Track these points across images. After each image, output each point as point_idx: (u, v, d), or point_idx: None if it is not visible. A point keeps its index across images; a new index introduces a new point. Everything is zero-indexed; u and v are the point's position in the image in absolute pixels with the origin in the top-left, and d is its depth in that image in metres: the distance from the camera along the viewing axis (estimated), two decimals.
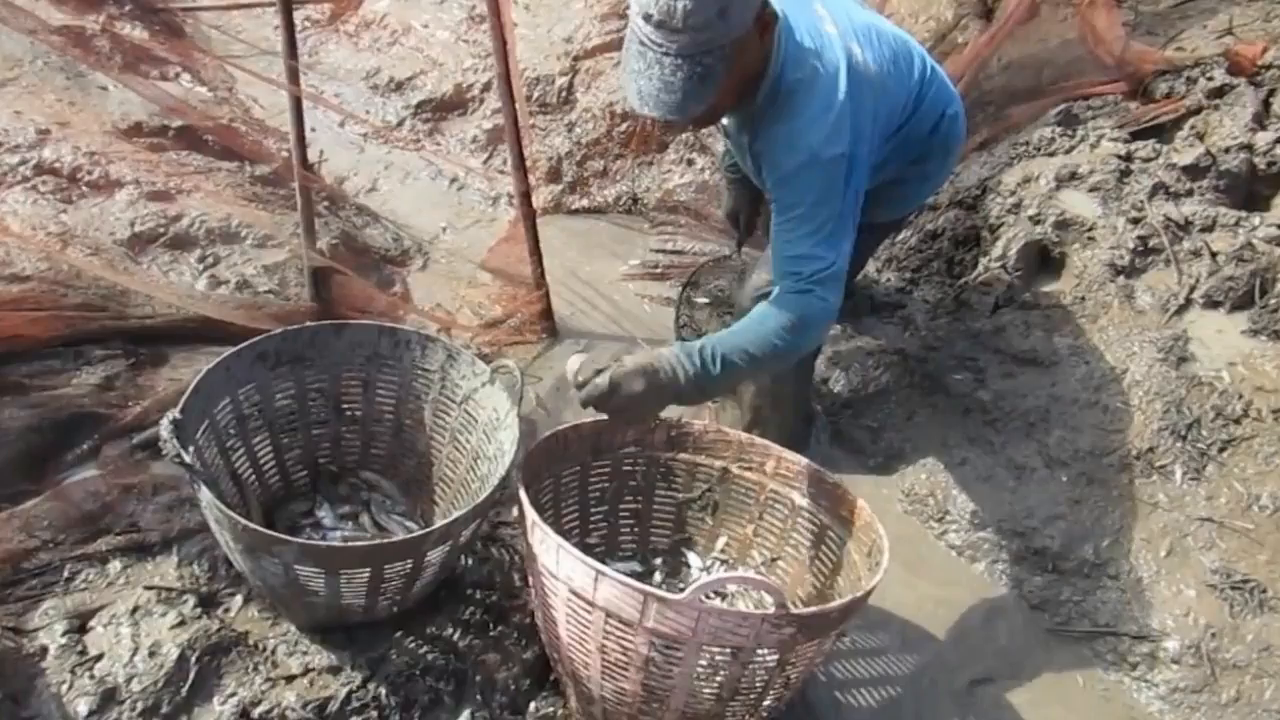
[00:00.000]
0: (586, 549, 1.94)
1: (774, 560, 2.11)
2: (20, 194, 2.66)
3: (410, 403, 2.12)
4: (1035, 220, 2.82)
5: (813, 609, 1.67)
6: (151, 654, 1.73)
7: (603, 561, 1.66)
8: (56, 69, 3.23)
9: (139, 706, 1.67)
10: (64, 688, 1.68)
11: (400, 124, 3.87)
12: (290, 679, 1.76)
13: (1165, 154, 2.89)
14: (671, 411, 1.97)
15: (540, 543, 1.65)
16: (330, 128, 3.82)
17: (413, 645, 1.86)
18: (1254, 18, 3.22)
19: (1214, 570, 2.15)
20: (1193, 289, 2.56)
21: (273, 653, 1.80)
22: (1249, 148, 2.80)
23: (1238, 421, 2.31)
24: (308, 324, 2.11)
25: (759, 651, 1.59)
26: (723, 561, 2.16)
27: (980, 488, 2.43)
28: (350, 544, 1.76)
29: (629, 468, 2.12)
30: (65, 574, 1.86)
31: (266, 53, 3.86)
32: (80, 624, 1.79)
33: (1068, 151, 3.03)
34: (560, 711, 1.87)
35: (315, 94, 3.80)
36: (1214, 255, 2.60)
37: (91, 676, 1.70)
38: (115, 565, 1.90)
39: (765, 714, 1.76)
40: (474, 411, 2.04)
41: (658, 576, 2.14)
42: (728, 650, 1.58)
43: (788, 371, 2.35)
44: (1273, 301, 2.46)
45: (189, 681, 1.71)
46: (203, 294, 2.59)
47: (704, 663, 1.60)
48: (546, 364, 2.84)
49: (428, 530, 1.73)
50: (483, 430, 2.02)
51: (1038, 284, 2.78)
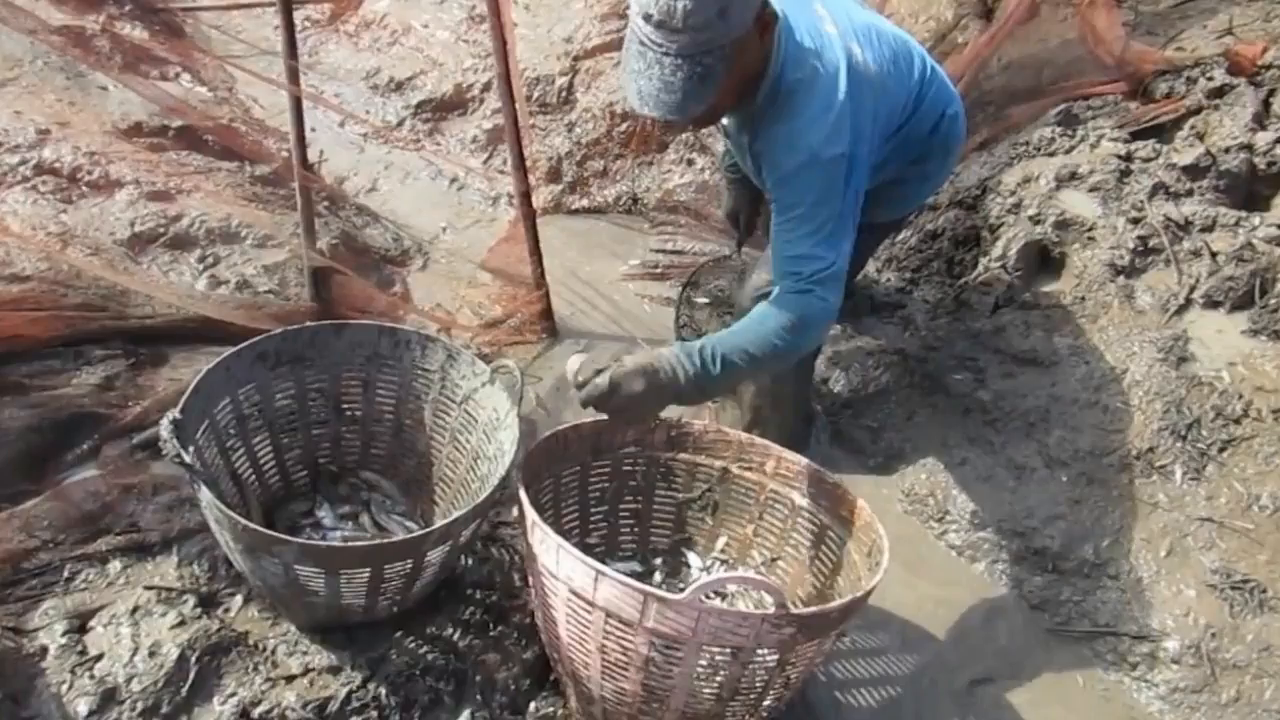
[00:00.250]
0: (586, 549, 1.94)
1: (774, 560, 2.11)
2: (20, 194, 2.66)
3: (410, 403, 2.12)
4: (1035, 220, 2.82)
5: (813, 609, 1.68)
6: (151, 654, 1.73)
7: (603, 561, 1.66)
8: (56, 69, 3.23)
9: (139, 706, 1.67)
10: (64, 688, 1.68)
11: (400, 124, 3.87)
12: (290, 679, 1.76)
13: (1165, 154, 2.89)
14: (671, 411, 1.97)
15: (540, 543, 1.65)
16: (330, 128, 3.82)
17: (413, 645, 1.86)
18: (1254, 18, 3.22)
19: (1214, 570, 2.15)
20: (1193, 289, 2.56)
21: (273, 653, 1.80)
22: (1249, 148, 2.80)
23: (1238, 421, 2.31)
24: (308, 324, 2.11)
25: (759, 651, 1.59)
26: (723, 561, 2.16)
27: (980, 488, 2.44)
28: (350, 544, 1.76)
29: (629, 468, 2.12)
30: (65, 574, 1.86)
31: (266, 53, 3.86)
32: (80, 624, 1.79)
33: (1068, 151, 3.03)
34: (560, 711, 1.87)
35: (315, 94, 3.80)
36: (1214, 255, 2.59)
37: (91, 676, 1.70)
38: (115, 565, 1.90)
39: (765, 714, 1.76)
40: (474, 411, 2.04)
41: (658, 576, 2.14)
42: (728, 650, 1.58)
43: (788, 371, 2.35)
44: (1273, 301, 2.46)
45: (189, 681, 1.71)
46: (203, 294, 2.59)
47: (704, 663, 1.60)
48: (546, 364, 2.84)
49: (428, 530, 1.73)
50: (483, 430, 2.02)
51: (1038, 284, 2.78)
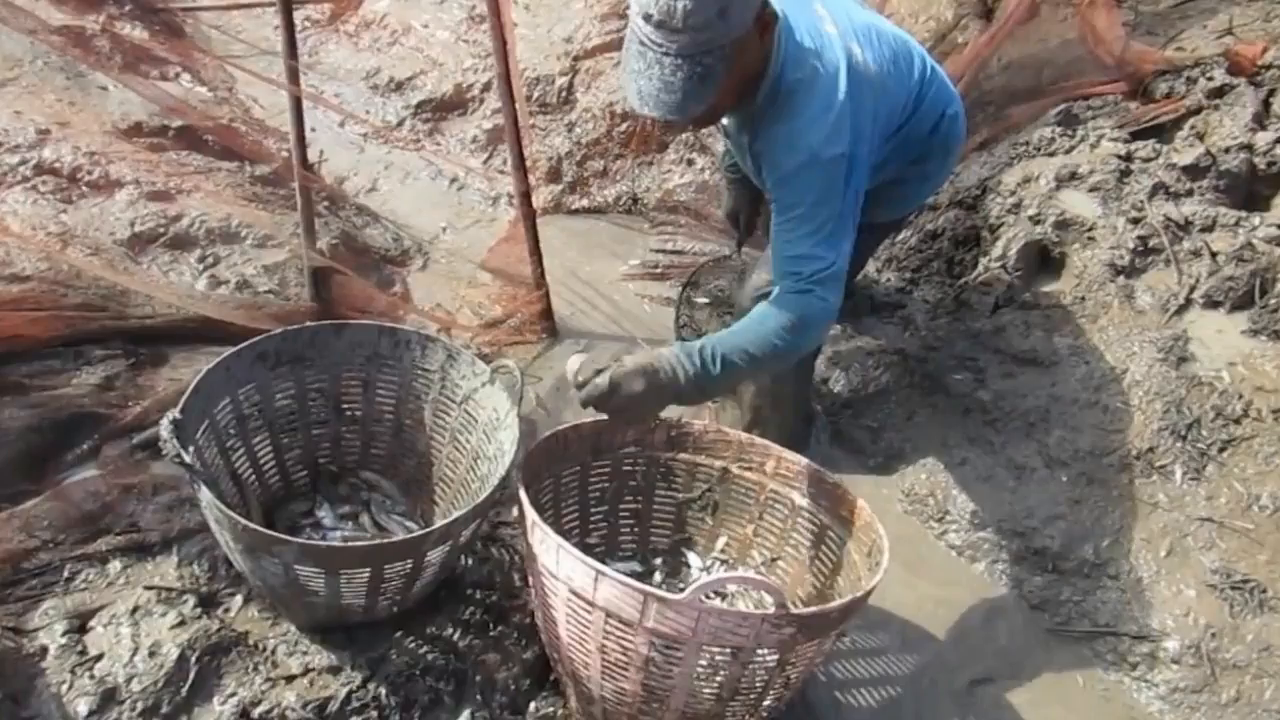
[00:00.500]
0: (586, 549, 1.94)
1: (774, 560, 2.11)
2: (20, 194, 2.66)
3: (410, 403, 2.12)
4: (1035, 220, 2.82)
5: (813, 609, 1.67)
6: (151, 654, 1.73)
7: (603, 561, 1.66)
8: (56, 69, 3.23)
9: (139, 706, 1.67)
10: (64, 688, 1.68)
11: (400, 124, 3.87)
12: (290, 679, 1.76)
13: (1165, 154, 2.89)
14: (671, 411, 1.97)
15: (540, 543, 1.65)
16: (330, 128, 3.82)
17: (413, 645, 1.86)
18: (1254, 18, 3.22)
19: (1214, 570, 2.15)
20: (1193, 289, 2.56)
21: (273, 653, 1.80)
22: (1249, 148, 2.80)
23: (1238, 421, 2.31)
24: (308, 324, 2.11)
25: (759, 651, 1.59)
26: (723, 561, 2.16)
27: (980, 488, 2.43)
28: (350, 544, 1.76)
29: (629, 468, 2.12)
30: (65, 574, 1.86)
31: (266, 53, 3.86)
32: (80, 624, 1.79)
33: (1068, 151, 3.03)
34: (560, 711, 1.87)
35: (315, 94, 3.80)
36: (1214, 255, 2.59)
37: (91, 676, 1.70)
38: (115, 565, 1.90)
39: (765, 714, 1.76)
40: (474, 411, 2.04)
41: (658, 576, 2.14)
42: (728, 650, 1.58)
43: (788, 371, 2.35)
44: (1273, 301, 2.46)
45: (189, 681, 1.71)
46: (203, 294, 2.59)
47: (704, 663, 1.60)
48: (546, 364, 2.84)
49: (428, 530, 1.73)
50: (483, 430, 2.02)
51: (1038, 284, 2.78)
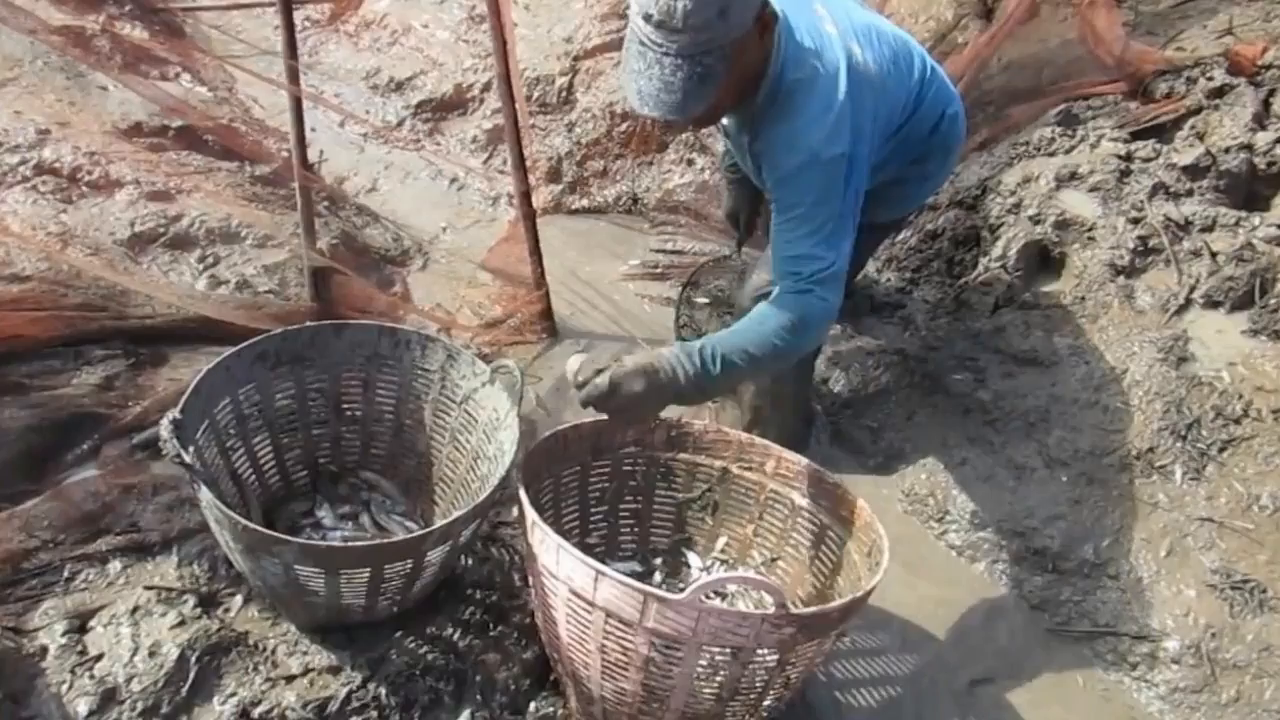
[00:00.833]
0: (586, 549, 1.94)
1: (774, 560, 2.11)
2: (20, 194, 2.66)
3: (410, 403, 2.12)
4: (1035, 220, 2.82)
5: (813, 609, 1.67)
6: (151, 654, 1.73)
7: (603, 561, 1.65)
8: (56, 69, 3.23)
9: (139, 706, 1.67)
10: (64, 688, 1.68)
11: (400, 124, 3.87)
12: (290, 679, 1.76)
13: (1165, 154, 2.89)
14: (671, 411, 1.97)
15: (540, 543, 1.65)
16: (330, 128, 3.82)
17: (413, 645, 1.86)
18: (1254, 18, 3.22)
19: (1214, 570, 2.15)
20: (1193, 289, 2.56)
21: (273, 653, 1.80)
22: (1249, 148, 2.80)
23: (1238, 421, 2.31)
24: (308, 324, 2.11)
25: (759, 651, 1.59)
26: (723, 561, 2.16)
27: (980, 488, 2.43)
28: (350, 544, 1.75)
29: (629, 468, 2.12)
30: (65, 574, 1.86)
31: (266, 53, 3.85)
32: (80, 624, 1.79)
33: (1068, 151, 3.03)
34: (560, 711, 1.87)
35: (315, 94, 3.80)
36: (1214, 255, 2.59)
37: (91, 676, 1.70)
38: (115, 565, 1.90)
39: (765, 714, 1.76)
40: (474, 411, 2.04)
41: (658, 576, 2.14)
42: (728, 650, 1.58)
43: (788, 371, 2.35)
44: (1273, 301, 2.46)
45: (189, 681, 1.71)
46: (203, 294, 2.59)
47: (704, 663, 1.60)
48: (546, 364, 2.84)
49: (428, 530, 1.73)
50: (483, 430, 2.02)
51: (1038, 284, 2.78)
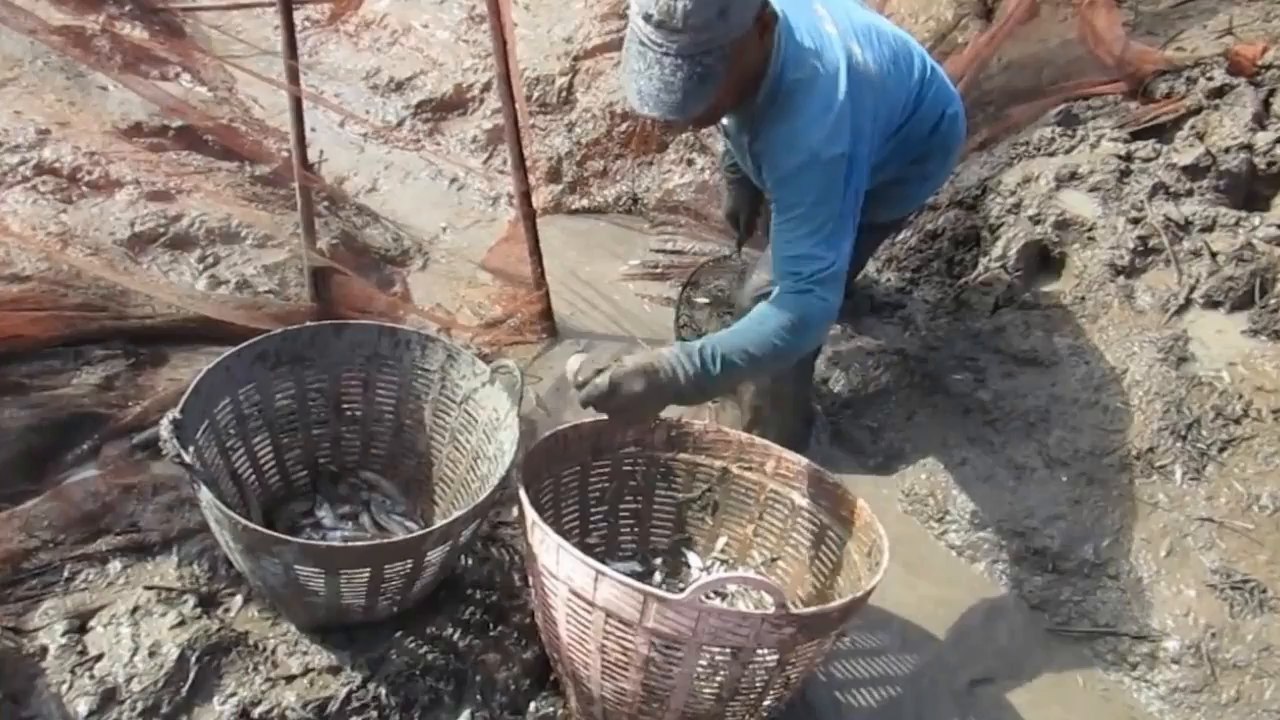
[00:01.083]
0: (586, 549, 1.94)
1: (774, 560, 2.11)
2: (20, 194, 2.66)
3: (410, 403, 2.12)
4: (1035, 220, 2.82)
5: (813, 609, 1.67)
6: (151, 654, 1.73)
7: (603, 561, 1.65)
8: (56, 69, 3.23)
9: (139, 706, 1.67)
10: (64, 688, 1.68)
11: (400, 124, 3.87)
12: (290, 679, 1.76)
13: (1165, 154, 2.89)
14: (671, 411, 1.97)
15: (540, 543, 1.65)
16: (330, 128, 3.82)
17: (413, 645, 1.86)
18: (1254, 18, 3.22)
19: (1214, 570, 2.15)
20: (1193, 289, 2.56)
21: (273, 653, 1.80)
22: (1249, 148, 2.80)
23: (1238, 421, 2.31)
24: (308, 324, 2.11)
25: (759, 651, 1.59)
26: (723, 561, 2.16)
27: (980, 488, 2.43)
28: (350, 544, 1.75)
29: (629, 468, 2.12)
30: (65, 574, 1.86)
31: (266, 53, 3.85)
32: (80, 624, 1.79)
33: (1068, 151, 3.03)
34: (560, 711, 1.87)
35: (315, 94, 3.80)
36: (1214, 255, 2.59)
37: (91, 676, 1.70)
38: (115, 565, 1.90)
39: (765, 714, 1.76)
40: (474, 411, 2.04)
41: (658, 576, 2.14)
42: (728, 650, 1.58)
43: (788, 371, 2.35)
44: (1273, 301, 2.46)
45: (189, 681, 1.71)
46: (203, 294, 2.59)
47: (704, 663, 1.60)
48: (546, 364, 2.84)
49: (428, 530, 1.73)
50: (483, 430, 2.02)
51: (1038, 284, 2.78)
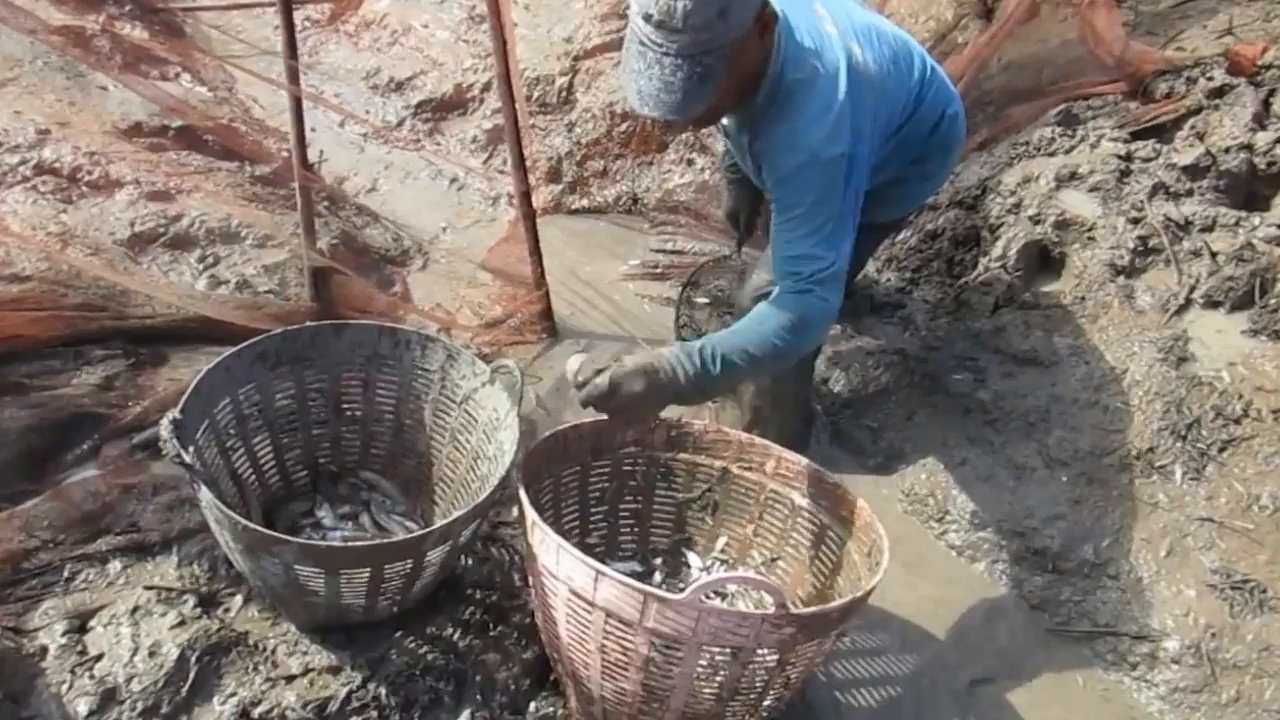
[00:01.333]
0: (586, 549, 1.94)
1: (774, 560, 2.11)
2: (20, 194, 2.66)
3: (410, 403, 2.12)
4: (1035, 220, 2.82)
5: (813, 609, 1.67)
6: (151, 654, 1.73)
7: (603, 561, 1.65)
8: (56, 69, 3.23)
9: (139, 706, 1.67)
10: (64, 688, 1.68)
11: (400, 124, 3.87)
12: (290, 679, 1.76)
13: (1165, 154, 2.89)
14: (671, 411, 1.97)
15: (540, 543, 1.65)
16: (330, 128, 3.82)
17: (413, 645, 1.86)
18: (1254, 18, 3.22)
19: (1214, 570, 2.15)
20: (1193, 289, 2.56)
21: (273, 653, 1.80)
22: (1249, 148, 2.80)
23: (1238, 421, 2.31)
24: (308, 324, 2.11)
25: (759, 651, 1.59)
26: (723, 561, 2.16)
27: (980, 488, 2.43)
28: (350, 544, 1.75)
29: (629, 468, 2.12)
30: (65, 574, 1.86)
31: (266, 53, 3.85)
32: (80, 624, 1.79)
33: (1068, 151, 3.03)
34: (560, 711, 1.87)
35: (315, 94, 3.80)
36: (1214, 255, 2.59)
37: (91, 676, 1.70)
38: (115, 565, 1.90)
39: (765, 714, 1.76)
40: (474, 411, 2.04)
41: (658, 576, 2.14)
42: (728, 650, 1.58)
43: (788, 371, 2.35)
44: (1273, 301, 2.46)
45: (189, 681, 1.71)
46: (203, 294, 2.59)
47: (704, 663, 1.60)
48: (546, 364, 2.84)
49: (428, 530, 1.73)
50: (483, 430, 2.02)
51: (1038, 284, 2.78)
